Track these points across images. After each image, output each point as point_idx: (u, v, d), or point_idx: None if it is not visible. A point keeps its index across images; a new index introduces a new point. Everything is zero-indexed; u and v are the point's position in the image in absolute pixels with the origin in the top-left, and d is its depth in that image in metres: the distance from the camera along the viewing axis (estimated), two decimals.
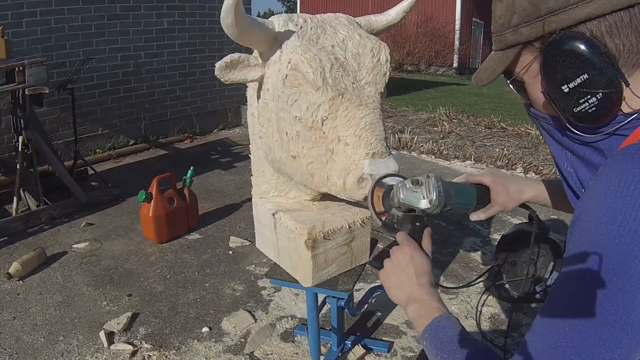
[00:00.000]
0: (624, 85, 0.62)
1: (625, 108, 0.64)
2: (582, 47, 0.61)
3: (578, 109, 0.64)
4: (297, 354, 2.01)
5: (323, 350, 1.95)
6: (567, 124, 0.67)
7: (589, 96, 0.63)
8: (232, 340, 2.10)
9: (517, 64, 0.71)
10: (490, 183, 1.02)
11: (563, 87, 0.64)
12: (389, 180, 0.96)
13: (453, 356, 0.71)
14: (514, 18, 0.67)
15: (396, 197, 0.86)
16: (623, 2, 0.60)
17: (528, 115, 0.78)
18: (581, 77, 0.62)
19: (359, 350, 1.99)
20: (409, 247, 0.85)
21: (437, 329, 0.76)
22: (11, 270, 2.49)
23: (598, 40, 0.61)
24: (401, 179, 0.93)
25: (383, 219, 0.92)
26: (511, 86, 0.74)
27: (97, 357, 1.98)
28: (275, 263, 1.56)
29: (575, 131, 0.67)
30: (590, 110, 0.64)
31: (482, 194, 1.02)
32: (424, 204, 0.84)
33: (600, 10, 0.60)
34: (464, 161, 4.65)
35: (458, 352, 0.71)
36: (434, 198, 0.84)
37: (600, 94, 0.62)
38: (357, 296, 2.27)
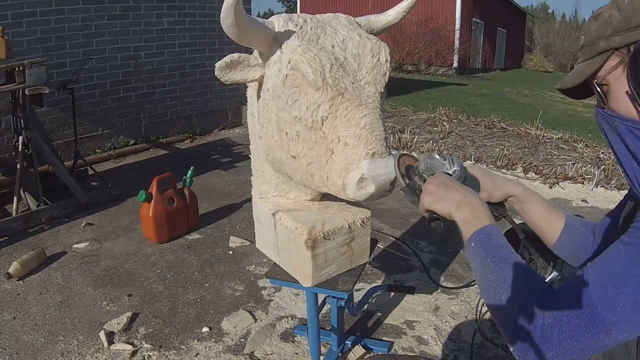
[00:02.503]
0: None
1: None
2: None
3: None
4: (297, 354, 2.01)
5: (323, 350, 1.95)
6: None
7: None
8: (232, 340, 2.10)
9: (602, 69, 0.82)
10: (478, 174, 1.07)
11: None
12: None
13: (505, 266, 0.79)
14: (608, 30, 0.80)
15: (423, 164, 0.96)
16: None
17: (597, 119, 0.86)
18: None
19: (359, 350, 1.99)
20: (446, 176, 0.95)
21: (489, 234, 0.83)
22: (11, 270, 2.49)
23: None
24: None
25: (407, 181, 1.00)
26: (596, 87, 0.84)
27: (97, 357, 1.98)
28: (275, 263, 1.57)
29: None
30: None
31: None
32: (448, 171, 0.97)
33: None
34: (464, 161, 4.64)
35: (509, 262, 0.79)
36: (457, 169, 0.96)
37: None
38: (357, 296, 2.27)
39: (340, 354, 1.94)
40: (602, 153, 4.73)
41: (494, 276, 0.80)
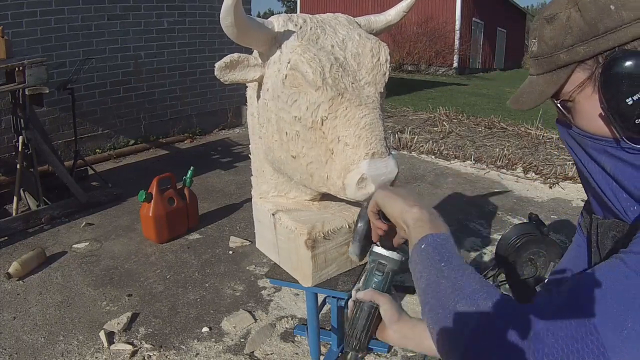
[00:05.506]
0: None
1: None
2: None
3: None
4: (297, 354, 2.01)
5: (323, 350, 1.95)
6: (622, 137, 0.65)
7: None
8: (232, 340, 2.10)
9: (566, 84, 0.69)
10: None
11: (627, 100, 0.62)
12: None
13: (463, 273, 0.67)
14: (568, 38, 0.66)
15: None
16: None
17: (560, 134, 0.76)
18: None
19: None
20: None
21: (447, 240, 0.70)
22: (11, 270, 2.49)
23: None
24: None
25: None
26: (559, 106, 0.72)
27: (97, 357, 1.98)
28: (275, 263, 1.56)
29: (631, 144, 0.65)
30: None
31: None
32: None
33: None
34: (464, 161, 4.64)
35: (468, 270, 0.67)
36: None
37: None
38: None
39: (340, 354, 1.94)
40: None
41: (449, 282, 0.66)
